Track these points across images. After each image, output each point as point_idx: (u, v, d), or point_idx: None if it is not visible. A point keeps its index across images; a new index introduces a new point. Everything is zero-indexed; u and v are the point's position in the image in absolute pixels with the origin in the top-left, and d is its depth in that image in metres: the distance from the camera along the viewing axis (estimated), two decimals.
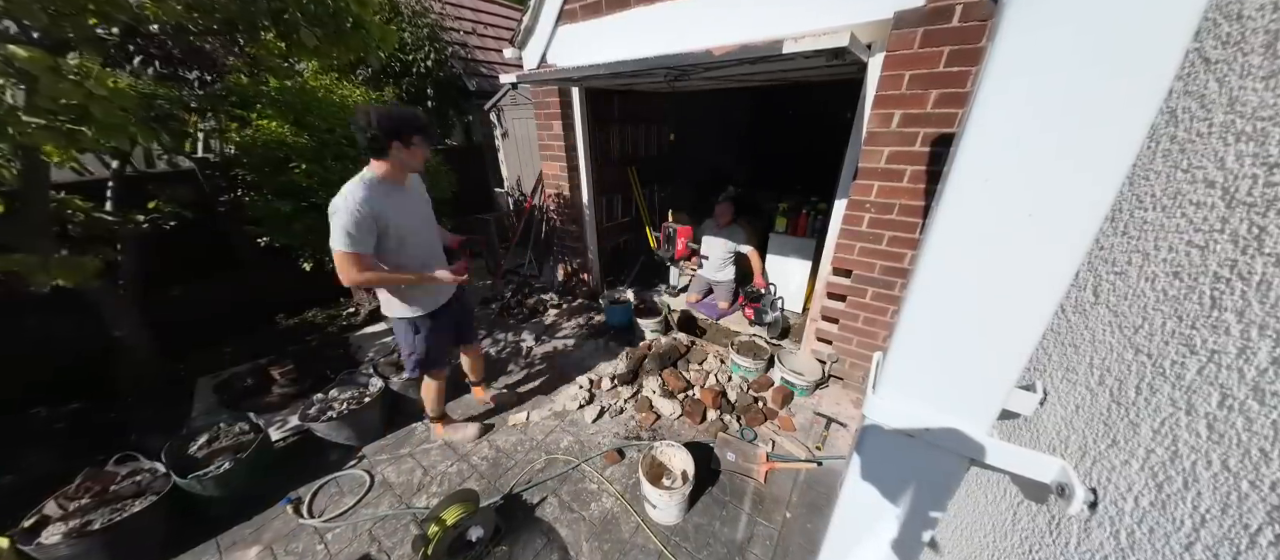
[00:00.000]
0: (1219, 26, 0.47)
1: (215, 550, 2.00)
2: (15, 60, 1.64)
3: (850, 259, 2.60)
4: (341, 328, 4.12)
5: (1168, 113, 0.55)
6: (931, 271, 0.59)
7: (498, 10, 7.65)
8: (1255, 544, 0.39)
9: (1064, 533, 0.64)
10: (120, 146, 2.17)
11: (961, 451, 0.64)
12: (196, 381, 3.21)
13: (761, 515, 2.10)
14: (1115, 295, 0.61)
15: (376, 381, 2.75)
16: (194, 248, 3.72)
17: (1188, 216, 0.49)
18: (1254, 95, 0.43)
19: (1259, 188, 0.41)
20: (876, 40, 2.17)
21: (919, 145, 2.15)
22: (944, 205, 0.55)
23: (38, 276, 2.04)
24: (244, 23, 2.38)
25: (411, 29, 5.46)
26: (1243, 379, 0.41)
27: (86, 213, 2.67)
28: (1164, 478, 0.48)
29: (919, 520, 0.75)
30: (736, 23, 2.54)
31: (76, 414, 2.92)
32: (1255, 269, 0.41)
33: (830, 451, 2.46)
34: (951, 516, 1.06)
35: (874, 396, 0.70)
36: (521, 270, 4.99)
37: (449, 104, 6.08)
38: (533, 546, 1.97)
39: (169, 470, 2.04)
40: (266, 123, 3.02)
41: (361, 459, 2.49)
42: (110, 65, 2.53)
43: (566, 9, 3.28)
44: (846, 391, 2.99)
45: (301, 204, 3.19)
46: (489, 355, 3.59)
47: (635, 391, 2.99)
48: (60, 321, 3.00)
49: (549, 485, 2.28)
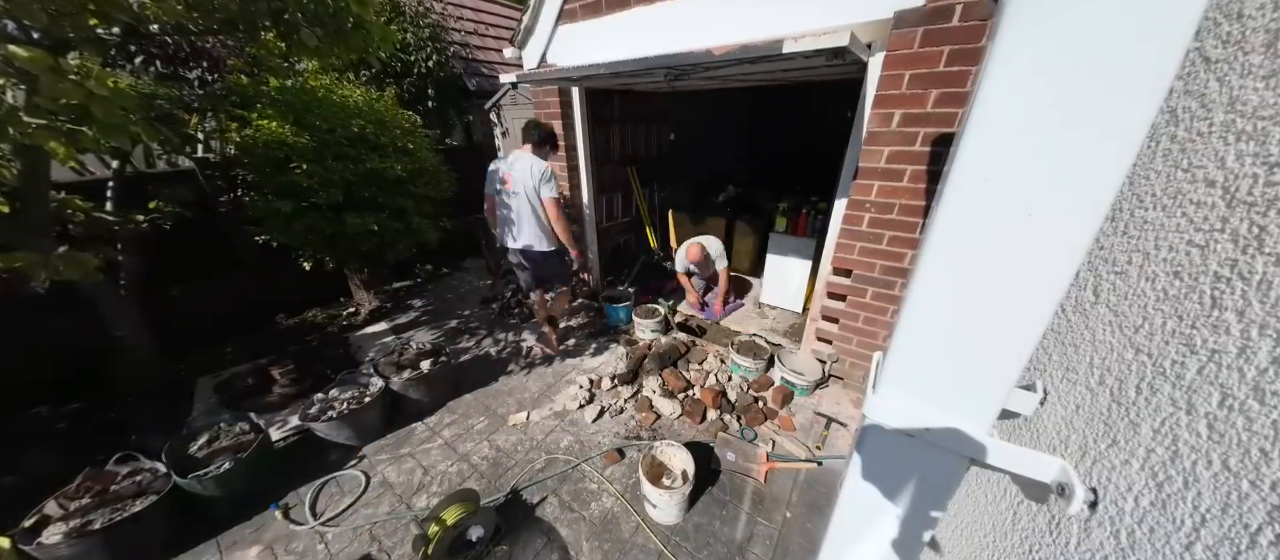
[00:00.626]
0: (1219, 26, 0.47)
1: (215, 550, 2.00)
2: (15, 60, 1.64)
3: (850, 259, 2.60)
4: (341, 327, 4.12)
5: (1168, 112, 0.55)
6: (932, 271, 0.59)
7: (498, 10, 7.65)
8: (1256, 544, 0.39)
9: (1064, 532, 0.64)
10: (121, 146, 2.17)
11: (962, 451, 0.64)
12: (197, 381, 3.21)
13: (761, 515, 2.10)
14: (1115, 295, 0.61)
15: (376, 381, 2.75)
16: (194, 248, 3.72)
17: (1188, 216, 0.49)
18: (1254, 94, 0.43)
19: (1259, 187, 0.41)
20: (876, 40, 2.17)
21: (919, 145, 2.15)
22: (944, 205, 0.55)
23: (38, 274, 2.04)
24: (244, 22, 2.37)
25: (413, 29, 5.46)
26: (1243, 378, 0.41)
27: (87, 212, 2.67)
28: (1164, 477, 0.48)
29: (919, 520, 0.75)
30: (736, 22, 2.54)
31: (77, 414, 2.92)
32: (1256, 268, 0.41)
33: (830, 451, 2.46)
34: (952, 516, 1.06)
35: (874, 396, 0.70)
36: None
37: (449, 103, 6.08)
38: (533, 546, 1.97)
39: (169, 470, 2.04)
40: (267, 123, 3.02)
41: (362, 459, 2.49)
42: (110, 65, 2.53)
43: (566, 8, 3.28)
44: (846, 391, 2.99)
45: (302, 204, 3.20)
46: (489, 355, 3.59)
47: (635, 391, 2.99)
48: (60, 321, 3.00)
49: (549, 485, 2.28)
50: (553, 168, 2.88)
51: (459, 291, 4.96)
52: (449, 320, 4.22)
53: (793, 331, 3.67)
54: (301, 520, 2.12)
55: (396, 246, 3.74)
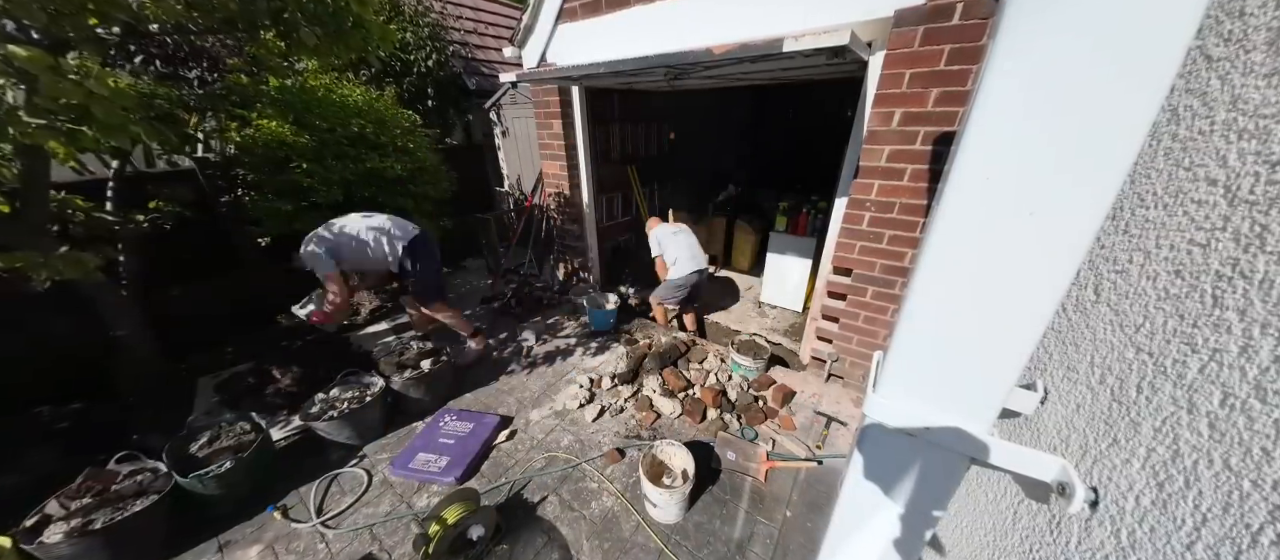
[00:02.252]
0: (1221, 24, 0.47)
1: (216, 549, 2.00)
2: (15, 60, 1.64)
3: (851, 258, 2.60)
4: (342, 327, 4.12)
5: (1169, 110, 0.54)
6: (932, 270, 0.58)
7: (498, 9, 7.64)
8: (1257, 543, 0.39)
9: (1065, 532, 0.64)
10: (121, 146, 2.17)
11: (962, 450, 0.64)
12: (197, 381, 3.21)
13: (762, 514, 2.10)
14: (1116, 294, 0.60)
15: (377, 381, 2.75)
16: (194, 247, 3.72)
17: (1189, 214, 0.49)
18: (1256, 93, 0.43)
19: (1261, 186, 0.41)
20: (877, 38, 2.17)
21: (919, 144, 2.14)
22: (945, 203, 0.54)
23: (39, 274, 2.04)
24: (244, 22, 2.37)
25: (413, 29, 5.46)
26: (1245, 377, 0.41)
27: (87, 212, 2.67)
28: (1165, 477, 0.48)
29: (919, 519, 0.75)
30: (736, 21, 2.53)
31: (78, 413, 2.92)
32: (1257, 267, 0.41)
33: (830, 450, 2.46)
34: (952, 515, 1.06)
35: (874, 395, 0.70)
36: (522, 270, 4.99)
37: (449, 103, 6.08)
38: (533, 545, 1.97)
39: (170, 469, 2.04)
40: (267, 122, 3.02)
41: (363, 458, 2.49)
42: (110, 65, 2.53)
43: (566, 7, 3.28)
44: (847, 390, 2.99)
45: (302, 203, 3.20)
46: (490, 354, 3.59)
47: (635, 390, 2.99)
48: (60, 321, 3.00)
49: (549, 484, 2.28)
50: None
51: (460, 291, 4.96)
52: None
53: (793, 331, 3.67)
54: (302, 519, 2.12)
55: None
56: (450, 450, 2.42)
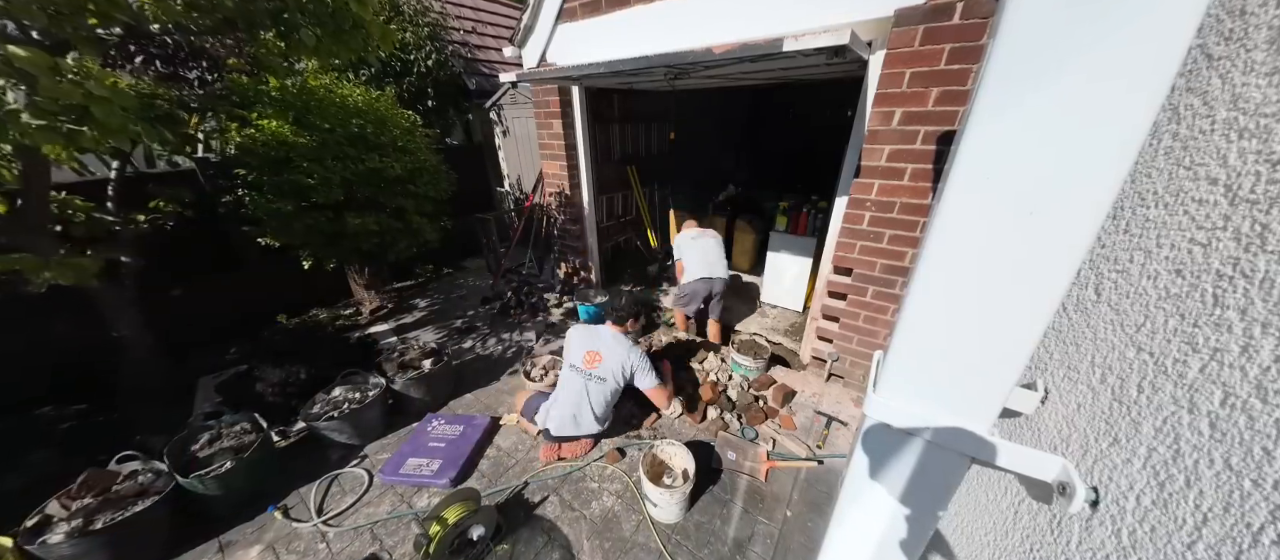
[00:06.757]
0: (1222, 22, 0.47)
1: (217, 549, 2.00)
2: (15, 60, 1.64)
3: (851, 257, 2.59)
4: (343, 327, 4.12)
5: (1170, 109, 0.54)
6: (933, 269, 0.58)
7: (498, 9, 7.64)
8: (1258, 543, 0.39)
9: (1065, 531, 0.64)
10: (120, 146, 2.17)
11: (963, 450, 0.64)
12: (198, 381, 3.22)
13: (762, 513, 2.10)
14: (1117, 293, 0.60)
15: (378, 381, 2.75)
16: (194, 248, 3.72)
17: (1190, 214, 0.49)
18: (1257, 91, 0.42)
19: (1262, 185, 0.41)
20: (877, 38, 2.17)
21: (920, 143, 2.14)
22: (945, 203, 0.54)
23: (39, 276, 2.04)
24: (244, 22, 2.37)
25: (412, 29, 5.46)
26: (1245, 377, 0.41)
27: (87, 213, 2.67)
28: (1166, 476, 0.48)
29: (920, 518, 0.75)
30: (736, 20, 2.53)
31: (78, 414, 2.93)
32: (1258, 266, 0.41)
33: (831, 450, 2.46)
34: (953, 515, 1.06)
35: (875, 395, 0.70)
36: (522, 269, 4.99)
37: (449, 103, 6.08)
38: (534, 545, 1.97)
39: (171, 470, 2.04)
40: (267, 122, 3.02)
41: (364, 458, 2.49)
42: (110, 65, 2.53)
43: (566, 7, 3.28)
44: (847, 390, 2.98)
45: (302, 204, 3.20)
46: (491, 354, 3.59)
47: None
48: (61, 321, 3.00)
49: (550, 484, 2.28)
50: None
51: (460, 291, 4.96)
52: (452, 320, 4.22)
53: (793, 330, 3.67)
54: (303, 519, 2.12)
55: (396, 246, 3.74)
56: (442, 453, 2.42)
